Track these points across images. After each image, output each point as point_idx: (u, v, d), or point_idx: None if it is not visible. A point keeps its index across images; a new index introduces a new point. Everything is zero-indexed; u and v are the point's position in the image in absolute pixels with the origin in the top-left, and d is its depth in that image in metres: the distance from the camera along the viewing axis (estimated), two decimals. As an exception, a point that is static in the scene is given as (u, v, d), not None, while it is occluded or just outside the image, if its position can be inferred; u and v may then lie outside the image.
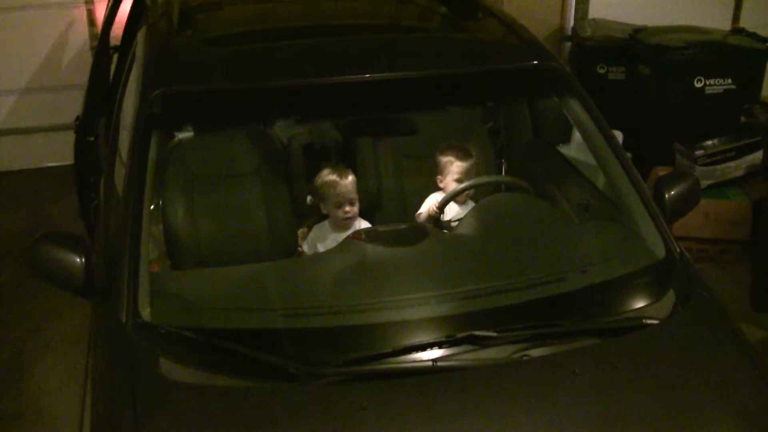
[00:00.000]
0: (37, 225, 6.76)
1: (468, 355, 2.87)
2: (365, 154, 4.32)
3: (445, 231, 3.77)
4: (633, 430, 2.71)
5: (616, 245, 3.48)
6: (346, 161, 4.28)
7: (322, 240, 3.87)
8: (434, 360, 2.83)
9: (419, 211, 4.05)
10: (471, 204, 4.05)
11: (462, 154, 4.05)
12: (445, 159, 4.07)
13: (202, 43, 3.96)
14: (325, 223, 3.92)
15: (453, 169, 4.03)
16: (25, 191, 7.53)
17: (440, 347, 2.88)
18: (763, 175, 5.84)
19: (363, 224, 3.90)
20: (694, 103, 6.64)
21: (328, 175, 3.86)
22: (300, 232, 4.09)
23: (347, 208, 3.83)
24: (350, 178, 3.86)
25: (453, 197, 3.94)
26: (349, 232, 3.72)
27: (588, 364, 2.88)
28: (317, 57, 3.81)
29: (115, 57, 5.33)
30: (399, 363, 2.84)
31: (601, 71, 7.25)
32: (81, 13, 7.68)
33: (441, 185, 4.08)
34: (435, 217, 3.91)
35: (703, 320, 3.18)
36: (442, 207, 3.91)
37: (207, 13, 4.40)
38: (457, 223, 3.81)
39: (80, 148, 5.22)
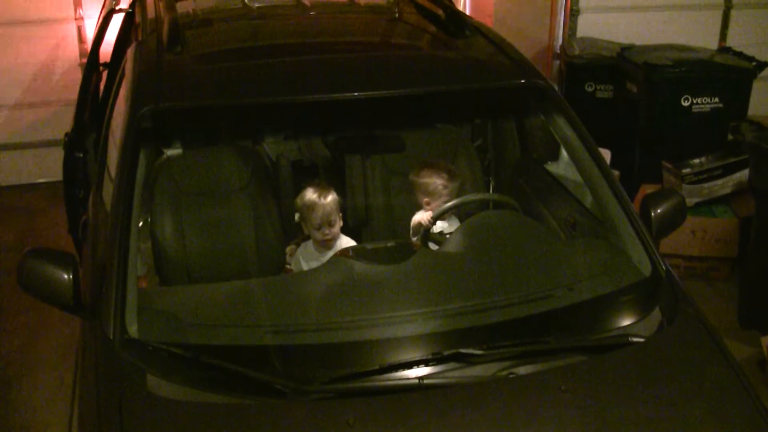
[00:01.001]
0: (27, 240, 6.76)
1: (454, 373, 2.88)
2: (353, 171, 4.33)
3: (433, 245, 3.78)
4: (619, 447, 2.72)
5: (602, 263, 3.48)
6: (334, 178, 4.29)
7: (307, 259, 3.88)
8: (421, 377, 2.83)
9: (412, 236, 4.04)
10: (455, 219, 4.07)
11: (447, 175, 4.06)
12: (430, 181, 4.07)
13: (192, 60, 3.97)
14: (309, 243, 3.93)
15: (443, 192, 4.03)
16: (15, 207, 7.53)
17: (427, 365, 2.89)
18: (751, 193, 5.86)
19: (345, 242, 3.91)
20: (681, 121, 6.67)
21: (307, 196, 3.87)
22: (288, 249, 4.10)
23: (326, 231, 3.84)
24: (330, 198, 3.87)
25: (448, 211, 3.94)
26: (333, 251, 3.73)
27: (575, 382, 2.88)
28: (306, 74, 3.82)
29: (105, 73, 5.33)
30: (385, 380, 2.84)
31: (590, 89, 7.29)
32: (71, 29, 7.69)
33: (428, 208, 4.07)
34: (427, 229, 3.91)
35: (688, 337, 3.18)
36: (435, 219, 3.92)
37: (196, 30, 4.41)
38: (448, 234, 3.82)
39: (69, 164, 5.22)
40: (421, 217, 3.97)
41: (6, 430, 4.75)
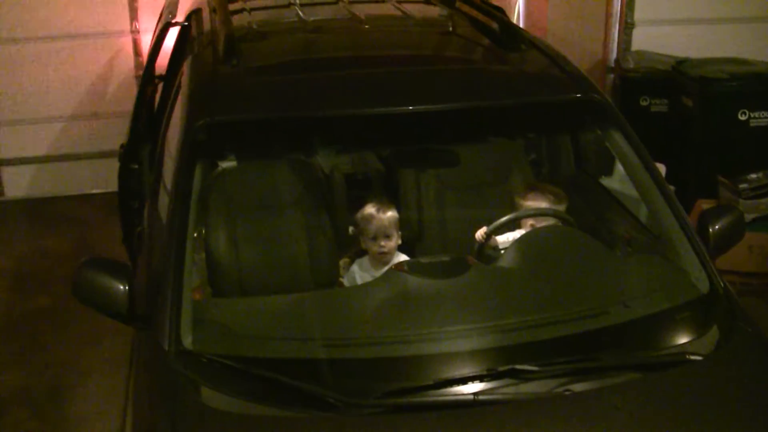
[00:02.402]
0: (81, 250, 6.83)
1: (509, 389, 2.85)
2: (407, 185, 4.32)
3: (490, 259, 3.75)
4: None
5: (659, 279, 3.45)
6: (388, 192, 4.28)
7: (362, 273, 3.87)
8: (475, 393, 2.82)
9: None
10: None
11: (554, 197, 4.03)
12: (535, 204, 4.02)
13: (247, 73, 3.99)
14: (365, 258, 3.92)
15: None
16: (70, 217, 7.62)
17: (481, 380, 2.87)
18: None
19: (401, 258, 3.90)
20: (738, 135, 6.60)
21: (367, 210, 3.87)
22: (342, 262, 4.09)
23: (382, 243, 3.82)
24: (389, 213, 3.86)
25: (499, 227, 3.91)
26: (388, 266, 3.72)
27: (630, 399, 2.85)
28: (360, 88, 3.82)
29: (160, 86, 5.38)
30: (439, 396, 2.83)
31: (644, 103, 7.24)
32: (127, 42, 7.80)
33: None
34: (481, 243, 3.89)
35: (747, 356, 3.14)
36: (489, 234, 3.90)
37: (252, 43, 4.43)
38: (503, 250, 3.80)
39: (124, 175, 5.27)
40: (478, 232, 3.95)
41: (59, 439, 4.81)
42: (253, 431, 2.74)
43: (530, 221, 3.98)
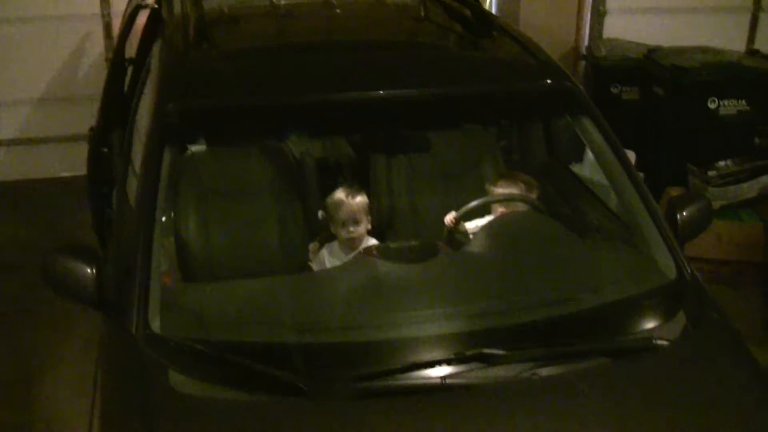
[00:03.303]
0: (50, 235, 6.76)
1: (477, 373, 2.86)
2: (378, 171, 4.32)
3: (460, 244, 3.76)
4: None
5: (627, 266, 3.47)
6: (358, 177, 4.28)
7: (331, 258, 3.87)
8: (443, 377, 2.82)
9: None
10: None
11: (524, 185, 4.05)
12: (506, 191, 4.05)
13: (218, 57, 3.97)
14: (335, 243, 3.92)
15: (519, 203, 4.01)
16: (39, 201, 7.55)
17: (449, 364, 2.88)
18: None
19: (371, 243, 3.90)
20: (708, 124, 6.64)
21: (336, 195, 3.88)
22: (312, 246, 4.09)
23: (351, 228, 3.83)
24: (359, 198, 3.87)
25: (469, 212, 3.92)
26: (357, 251, 3.72)
27: (597, 384, 2.87)
28: (331, 73, 3.81)
29: (131, 69, 5.35)
30: (408, 380, 2.83)
31: (615, 91, 7.27)
32: (97, 25, 7.72)
33: None
34: (449, 229, 3.90)
35: (714, 342, 3.17)
36: (458, 220, 3.90)
37: (223, 27, 4.41)
38: (472, 235, 3.81)
39: (94, 159, 5.24)
40: (447, 217, 3.96)
41: (28, 424, 4.77)
42: (222, 416, 2.74)
43: (500, 208, 4.00)
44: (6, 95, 7.77)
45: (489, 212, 4.02)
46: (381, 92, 3.66)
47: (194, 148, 4.05)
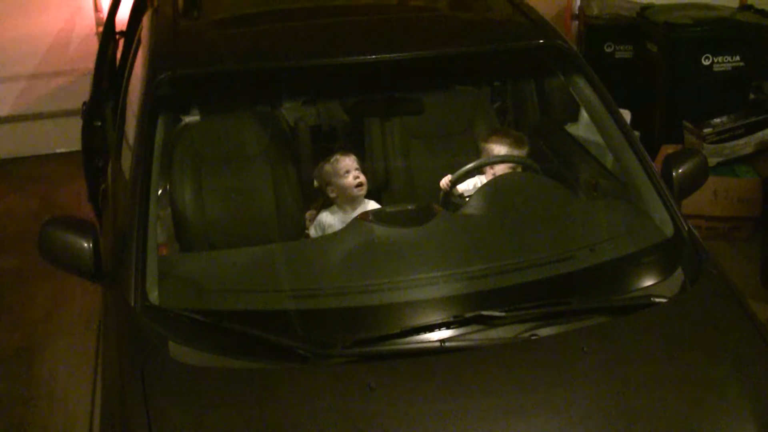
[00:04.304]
0: (46, 210, 6.77)
1: (476, 335, 2.87)
2: (373, 135, 4.31)
3: (456, 207, 3.76)
4: (643, 407, 2.71)
5: (624, 224, 3.47)
6: (353, 142, 4.27)
7: (329, 224, 3.87)
8: (442, 340, 2.82)
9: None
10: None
11: (513, 141, 4.04)
12: (494, 147, 4.05)
13: (208, 25, 3.95)
14: (333, 209, 3.92)
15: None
16: (34, 177, 7.55)
17: (448, 327, 2.88)
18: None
19: (371, 205, 3.90)
20: (702, 80, 6.61)
21: (330, 157, 3.90)
22: (308, 214, 4.09)
23: (355, 173, 3.84)
24: (351, 155, 3.90)
25: (464, 175, 3.91)
26: (357, 212, 3.72)
27: (597, 343, 2.87)
28: (323, 38, 3.80)
29: (122, 41, 5.32)
30: (407, 343, 2.84)
31: (609, 50, 7.24)
32: (87, -1, 7.68)
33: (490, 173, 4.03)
34: (445, 192, 3.90)
35: (712, 298, 3.17)
36: (454, 183, 3.90)
37: (212, -5, 4.39)
38: (468, 197, 3.80)
39: (88, 132, 5.22)
40: (442, 180, 3.95)
41: (30, 398, 4.79)
42: (222, 384, 2.74)
43: (491, 169, 3.99)
44: (-2, 72, 7.74)
45: (481, 172, 4.01)
46: (373, 55, 3.64)
47: (187, 118, 4.05)
